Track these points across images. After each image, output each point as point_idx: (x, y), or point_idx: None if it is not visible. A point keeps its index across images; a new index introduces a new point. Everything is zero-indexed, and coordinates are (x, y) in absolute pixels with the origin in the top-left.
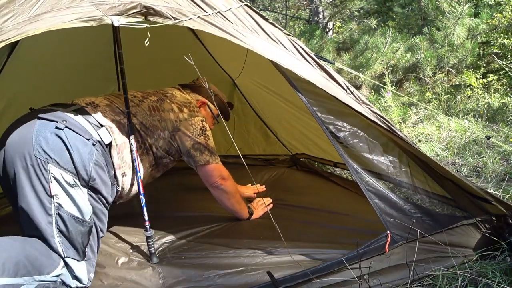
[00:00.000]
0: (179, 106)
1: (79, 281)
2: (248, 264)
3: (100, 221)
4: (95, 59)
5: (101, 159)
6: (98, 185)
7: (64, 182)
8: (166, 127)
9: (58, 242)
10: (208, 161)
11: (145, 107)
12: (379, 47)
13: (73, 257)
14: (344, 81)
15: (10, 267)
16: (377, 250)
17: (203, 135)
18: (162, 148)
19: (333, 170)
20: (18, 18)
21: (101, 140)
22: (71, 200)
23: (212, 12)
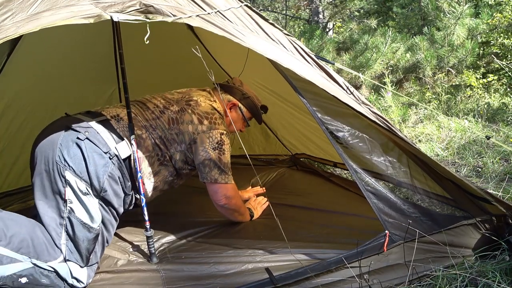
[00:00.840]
0: (199, 118)
1: (77, 281)
2: (248, 264)
3: (107, 231)
4: (95, 59)
5: (117, 172)
6: (109, 196)
7: (77, 189)
8: (183, 140)
9: (63, 244)
10: (216, 180)
11: (165, 119)
12: (379, 47)
13: (76, 261)
14: (344, 81)
15: (15, 241)
16: (376, 250)
17: (218, 149)
18: (180, 160)
19: (333, 170)
20: (17, 16)
21: (118, 154)
22: (83, 206)
23: (211, 11)
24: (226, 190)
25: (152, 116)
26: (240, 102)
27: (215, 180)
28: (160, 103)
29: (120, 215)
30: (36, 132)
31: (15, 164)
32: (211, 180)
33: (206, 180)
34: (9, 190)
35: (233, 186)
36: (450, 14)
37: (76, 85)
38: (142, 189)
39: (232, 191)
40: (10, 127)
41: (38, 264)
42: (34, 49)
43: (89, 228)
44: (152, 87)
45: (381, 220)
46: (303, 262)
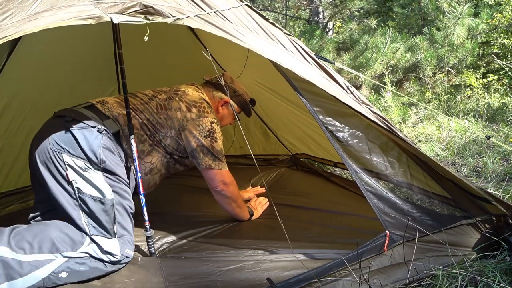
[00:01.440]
0: (187, 106)
1: (111, 255)
2: (248, 261)
3: (124, 199)
4: (95, 59)
5: (110, 143)
6: (110, 166)
7: (77, 168)
8: (172, 126)
9: (84, 223)
10: (210, 165)
11: (153, 105)
12: (379, 47)
13: (101, 234)
14: (344, 81)
15: (38, 245)
16: (376, 250)
17: (209, 137)
18: (170, 145)
19: (333, 170)
20: (16, 16)
21: (106, 129)
22: (88, 182)
23: (211, 11)
24: (222, 176)
25: (140, 102)
26: (231, 100)
27: (209, 166)
28: (148, 93)
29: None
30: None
31: (15, 164)
32: (206, 166)
33: (201, 165)
34: (8, 190)
35: (229, 173)
36: (450, 14)
37: (75, 84)
38: (142, 188)
39: (229, 178)
40: (9, 127)
41: (70, 255)
42: (34, 49)
43: (101, 200)
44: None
45: (381, 220)
46: (304, 262)
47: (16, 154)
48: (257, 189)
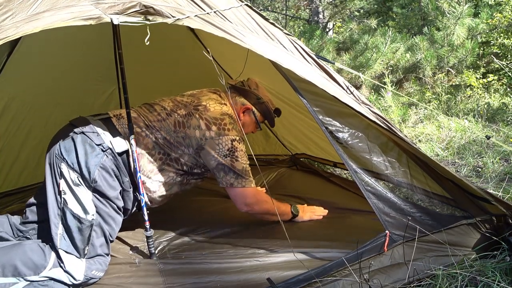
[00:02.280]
0: (207, 123)
1: (71, 276)
2: (248, 263)
3: (106, 223)
4: (95, 59)
5: (110, 165)
6: (101, 188)
7: (70, 180)
8: (190, 144)
9: (59, 234)
10: (232, 184)
11: (171, 122)
12: (379, 47)
13: (70, 251)
14: (344, 81)
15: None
16: (376, 250)
17: (229, 156)
18: (188, 162)
19: (333, 170)
20: (17, 16)
21: (112, 148)
22: (75, 197)
23: (211, 11)
24: (244, 197)
25: (157, 118)
26: (254, 107)
27: (231, 184)
28: (168, 106)
29: (122, 210)
30: (35, 131)
31: (14, 164)
32: (227, 184)
33: (222, 184)
34: (8, 190)
35: (253, 191)
36: (450, 14)
37: (75, 85)
38: (142, 189)
39: (252, 197)
40: (9, 127)
41: (32, 279)
42: (34, 49)
43: (80, 219)
44: (152, 88)
45: (381, 220)
46: (304, 262)
47: (16, 154)
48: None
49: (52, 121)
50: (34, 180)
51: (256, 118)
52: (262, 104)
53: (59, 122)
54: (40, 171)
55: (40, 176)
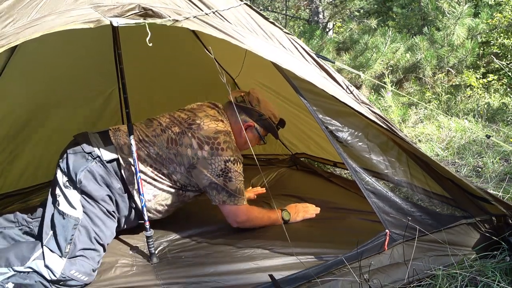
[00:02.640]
0: (199, 142)
1: (51, 271)
2: (247, 264)
3: (95, 225)
4: (95, 60)
5: (98, 170)
6: (87, 188)
7: (62, 184)
8: (182, 162)
9: (49, 234)
10: (225, 202)
11: (164, 138)
12: (379, 47)
13: (53, 248)
14: (343, 80)
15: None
16: (376, 249)
17: (222, 177)
18: (181, 180)
19: (333, 170)
20: (18, 22)
21: (100, 155)
22: (65, 198)
23: (209, 12)
24: (235, 215)
25: (152, 134)
26: (256, 123)
27: (223, 202)
28: (164, 122)
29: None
30: (35, 133)
31: (15, 165)
32: (219, 202)
33: (215, 202)
34: (9, 192)
35: (244, 209)
36: (450, 14)
37: (75, 86)
38: (142, 188)
39: (243, 216)
40: (11, 128)
41: (18, 269)
42: (34, 51)
43: (64, 214)
44: (152, 88)
45: (381, 219)
46: (304, 262)
47: (16, 155)
48: (257, 189)
49: (52, 122)
50: (35, 181)
51: (259, 133)
52: (265, 120)
53: (59, 123)
54: (40, 172)
55: (41, 177)
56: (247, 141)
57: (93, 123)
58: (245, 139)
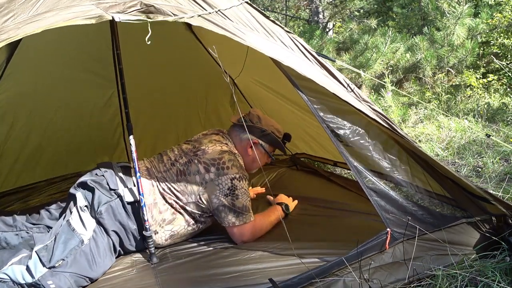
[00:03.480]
0: (206, 166)
1: (29, 273)
2: (248, 266)
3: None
4: (95, 61)
5: (118, 208)
6: (105, 221)
7: (79, 205)
8: (192, 191)
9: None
10: (234, 223)
11: (174, 172)
12: (379, 47)
13: (41, 256)
14: (344, 79)
15: None
16: (377, 248)
17: (230, 195)
18: (195, 209)
19: (333, 169)
20: (18, 17)
21: (122, 196)
22: (80, 218)
23: (212, 11)
24: (241, 235)
25: (163, 169)
26: (260, 140)
27: (233, 223)
28: (173, 156)
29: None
30: (35, 134)
31: (15, 164)
32: (229, 224)
33: (224, 224)
34: (8, 190)
35: (250, 226)
36: (450, 14)
37: (75, 86)
38: (141, 189)
39: (249, 234)
40: (11, 128)
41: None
42: (33, 53)
43: (73, 231)
44: (152, 89)
45: (382, 218)
46: (304, 262)
47: (16, 155)
48: (257, 189)
49: (52, 123)
50: (34, 179)
51: (265, 149)
52: (268, 135)
53: (59, 124)
54: (39, 171)
55: (40, 175)
56: (255, 159)
57: (93, 123)
58: (253, 158)
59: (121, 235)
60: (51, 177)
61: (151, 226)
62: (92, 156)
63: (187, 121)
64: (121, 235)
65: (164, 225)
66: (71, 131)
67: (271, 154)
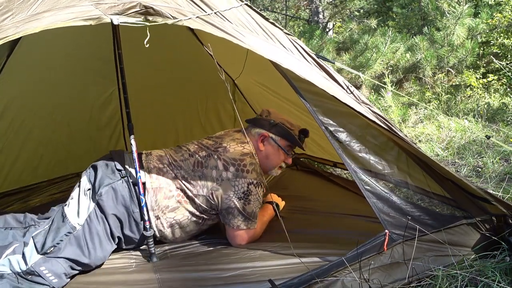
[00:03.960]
0: (225, 164)
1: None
2: (248, 265)
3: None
4: (95, 59)
5: (122, 189)
6: (104, 203)
7: (82, 189)
8: (205, 185)
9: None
10: (239, 226)
11: (191, 162)
12: (379, 47)
13: (36, 242)
14: (344, 81)
15: None
16: (376, 249)
17: (243, 199)
18: (203, 204)
19: (333, 170)
20: (17, 17)
21: (129, 176)
22: (77, 204)
23: (211, 12)
24: (242, 239)
25: (180, 158)
26: (270, 132)
27: (237, 226)
28: (192, 148)
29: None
30: (35, 132)
31: (15, 164)
32: (233, 226)
33: (228, 225)
34: (8, 190)
35: (253, 232)
36: (450, 14)
37: (75, 85)
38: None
39: (249, 239)
40: (10, 127)
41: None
42: (34, 49)
43: (64, 218)
44: (152, 88)
45: (380, 220)
46: (304, 262)
47: (16, 153)
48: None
49: (52, 121)
50: (35, 180)
51: (278, 143)
52: (276, 126)
53: (59, 122)
54: (40, 171)
55: (40, 176)
56: (268, 156)
57: (93, 123)
58: (266, 154)
59: (122, 219)
60: (52, 178)
61: (154, 210)
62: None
63: (187, 121)
64: (122, 218)
65: (166, 211)
66: (71, 129)
67: (287, 149)
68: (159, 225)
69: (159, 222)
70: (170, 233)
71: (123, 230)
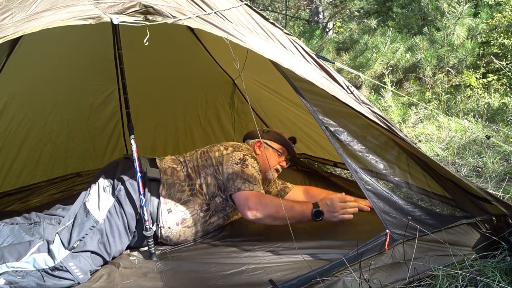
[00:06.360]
0: (226, 146)
1: (51, 257)
2: (249, 264)
3: (111, 234)
4: (95, 59)
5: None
6: (122, 197)
7: (101, 187)
8: (211, 164)
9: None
10: (239, 188)
11: (198, 153)
12: (379, 47)
13: (62, 238)
14: (344, 81)
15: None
16: (377, 249)
17: (240, 163)
18: (212, 184)
19: (333, 170)
20: (16, 16)
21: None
22: (98, 199)
23: (211, 12)
24: (246, 199)
25: (189, 155)
26: (263, 138)
27: (238, 188)
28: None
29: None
30: (35, 131)
31: (14, 164)
32: (235, 190)
33: (230, 191)
34: (8, 190)
35: (256, 193)
36: (450, 14)
37: (74, 84)
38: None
39: (254, 199)
40: (9, 126)
41: (13, 265)
42: (33, 49)
43: (87, 213)
44: (152, 88)
45: (381, 219)
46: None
47: (15, 153)
48: None
49: (51, 121)
50: (34, 180)
51: (272, 146)
52: (269, 132)
53: (58, 121)
54: (39, 171)
55: (40, 175)
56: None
57: (92, 123)
58: (263, 157)
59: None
60: (51, 177)
61: (167, 203)
62: (92, 155)
63: (187, 121)
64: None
65: (179, 204)
66: (70, 129)
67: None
68: (169, 221)
69: (170, 217)
70: (176, 232)
71: (138, 224)
